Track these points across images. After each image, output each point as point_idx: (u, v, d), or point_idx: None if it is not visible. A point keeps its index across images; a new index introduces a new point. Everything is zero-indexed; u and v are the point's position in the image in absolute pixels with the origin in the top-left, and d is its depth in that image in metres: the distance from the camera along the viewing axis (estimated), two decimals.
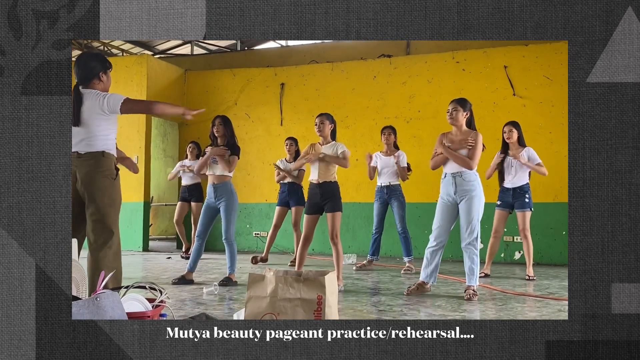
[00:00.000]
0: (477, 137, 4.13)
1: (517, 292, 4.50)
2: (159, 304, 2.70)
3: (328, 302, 2.29)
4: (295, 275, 2.34)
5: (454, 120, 4.18)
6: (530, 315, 3.57)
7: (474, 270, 4.13)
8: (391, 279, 5.30)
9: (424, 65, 7.75)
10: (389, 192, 5.87)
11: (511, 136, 5.30)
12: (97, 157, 3.25)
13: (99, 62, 3.38)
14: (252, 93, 8.62)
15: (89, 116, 3.24)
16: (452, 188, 4.15)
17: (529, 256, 5.33)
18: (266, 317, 2.29)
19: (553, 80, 7.03)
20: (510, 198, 5.30)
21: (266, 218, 8.35)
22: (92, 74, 3.34)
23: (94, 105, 3.25)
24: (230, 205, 4.82)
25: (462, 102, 4.21)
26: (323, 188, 4.48)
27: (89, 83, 3.33)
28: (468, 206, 4.10)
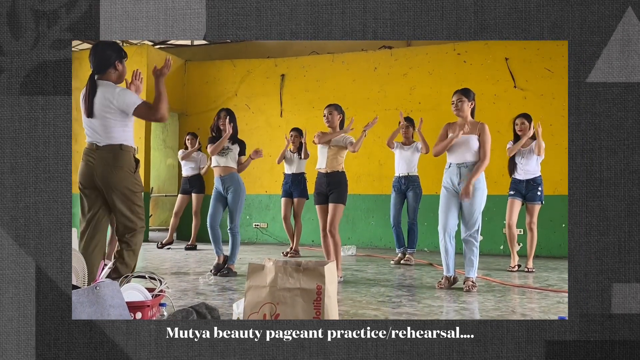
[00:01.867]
0: (485, 130, 4.13)
1: (517, 284, 4.51)
2: (159, 293, 2.71)
3: (327, 292, 2.29)
4: (294, 265, 2.34)
5: (460, 111, 4.17)
6: (529, 307, 3.57)
7: (473, 262, 4.13)
8: (390, 270, 5.31)
9: (425, 57, 7.73)
10: (406, 182, 5.84)
11: (523, 129, 5.25)
12: (115, 151, 3.20)
13: (114, 50, 3.29)
14: (253, 84, 8.60)
15: (101, 108, 3.19)
16: (456, 178, 4.14)
17: (532, 249, 5.32)
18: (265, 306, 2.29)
19: (554, 72, 7.01)
20: (523, 189, 5.26)
21: (266, 209, 8.36)
22: (108, 62, 3.26)
23: (107, 99, 3.19)
24: (238, 195, 4.83)
25: (466, 93, 4.20)
26: (330, 177, 4.46)
27: (104, 72, 3.26)
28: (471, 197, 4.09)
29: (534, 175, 5.24)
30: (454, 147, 4.17)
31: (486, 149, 4.12)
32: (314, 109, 7.88)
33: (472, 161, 4.12)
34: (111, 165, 3.19)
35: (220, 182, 4.86)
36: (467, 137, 4.13)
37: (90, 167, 3.21)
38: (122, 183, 3.20)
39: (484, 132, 4.13)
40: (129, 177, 3.23)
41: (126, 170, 3.22)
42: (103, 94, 3.19)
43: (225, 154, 4.86)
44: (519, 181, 5.27)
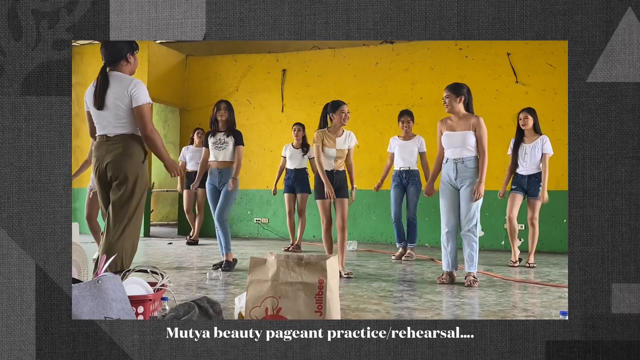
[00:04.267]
0: (480, 124, 4.12)
1: (518, 279, 4.51)
2: (160, 287, 2.71)
3: (329, 286, 2.30)
4: (296, 260, 2.34)
5: (451, 108, 4.16)
6: (530, 302, 3.58)
7: (473, 257, 4.13)
8: (391, 266, 5.31)
9: (427, 52, 7.71)
10: (407, 177, 5.82)
11: (526, 123, 5.25)
12: (127, 140, 3.19)
13: (126, 43, 3.29)
14: (254, 79, 8.59)
15: (115, 100, 3.18)
16: (453, 174, 4.15)
17: (533, 244, 5.32)
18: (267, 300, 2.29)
19: (556, 67, 6.99)
20: (525, 184, 5.26)
21: (267, 204, 8.36)
22: (121, 55, 3.26)
23: (122, 89, 3.18)
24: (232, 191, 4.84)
25: (454, 89, 4.17)
26: (337, 176, 4.52)
27: (116, 65, 3.26)
28: (468, 193, 4.09)
29: (537, 171, 5.24)
30: (450, 143, 4.17)
31: (484, 144, 4.12)
32: (315, 104, 7.87)
33: (468, 156, 4.12)
34: (122, 153, 3.17)
35: (217, 175, 4.86)
36: (462, 133, 4.13)
37: (100, 159, 3.20)
38: (130, 172, 3.18)
39: (480, 127, 4.12)
40: (137, 167, 3.21)
41: (136, 159, 3.20)
42: (117, 85, 3.19)
43: (222, 148, 4.86)
44: (522, 176, 5.27)
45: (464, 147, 4.12)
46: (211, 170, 4.93)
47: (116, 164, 3.16)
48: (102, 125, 3.21)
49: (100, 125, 3.22)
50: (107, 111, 3.18)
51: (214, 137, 4.91)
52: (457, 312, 3.21)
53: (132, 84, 3.19)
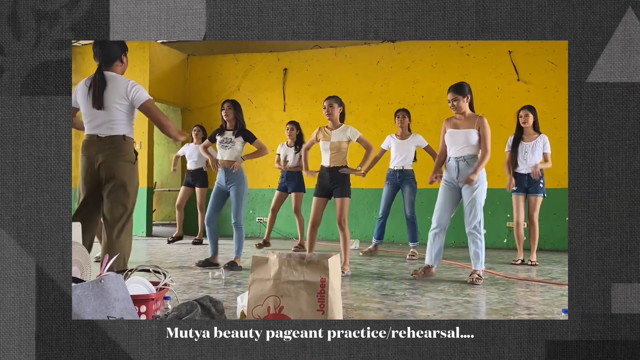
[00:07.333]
0: (484, 124, 4.14)
1: (520, 277, 4.51)
2: (163, 287, 2.71)
3: (331, 284, 2.29)
4: (298, 258, 2.34)
5: (458, 109, 4.18)
6: (533, 300, 3.57)
7: (479, 254, 4.14)
8: (394, 264, 5.31)
9: (428, 50, 7.70)
10: (401, 177, 5.82)
11: (527, 120, 5.26)
12: (119, 141, 3.25)
13: (118, 43, 3.36)
14: (255, 78, 8.59)
15: (112, 100, 3.22)
16: (454, 173, 4.16)
17: (534, 242, 5.33)
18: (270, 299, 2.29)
19: (558, 65, 6.98)
20: (525, 183, 5.27)
21: (269, 204, 8.35)
22: (115, 55, 3.32)
23: (119, 91, 3.23)
24: (242, 189, 4.84)
25: (460, 90, 4.18)
26: (333, 173, 4.48)
27: (111, 65, 3.31)
28: (471, 191, 4.10)
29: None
30: (453, 142, 4.18)
31: (487, 143, 4.13)
32: (317, 103, 7.86)
33: (470, 155, 4.13)
34: (114, 155, 3.22)
35: (224, 175, 4.86)
36: (466, 131, 4.14)
37: (92, 159, 3.23)
38: (123, 173, 3.24)
39: (483, 126, 4.14)
40: (129, 168, 3.27)
41: (128, 160, 3.27)
42: (115, 86, 3.23)
43: (229, 147, 4.85)
44: (521, 175, 5.27)
45: (466, 145, 4.14)
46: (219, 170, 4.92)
47: (110, 164, 3.20)
48: (94, 125, 3.23)
49: (92, 125, 3.24)
50: (104, 111, 3.21)
51: (222, 135, 4.90)
52: (459, 311, 3.21)
53: (130, 86, 3.25)
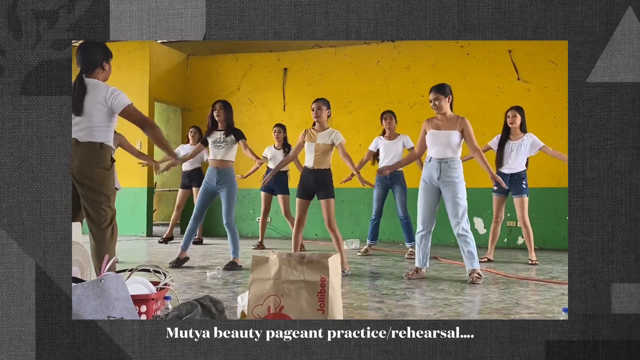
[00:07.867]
0: (467, 125, 4.16)
1: (520, 277, 4.51)
2: (163, 286, 2.71)
3: (331, 284, 2.30)
4: (298, 258, 2.34)
5: (439, 109, 4.17)
6: (533, 299, 3.58)
7: (472, 253, 4.14)
8: (394, 264, 5.31)
9: (428, 50, 7.70)
10: (391, 178, 5.83)
11: (514, 121, 5.28)
12: (95, 148, 3.25)
13: (101, 50, 3.37)
14: (255, 78, 8.59)
15: (91, 107, 3.24)
16: (435, 173, 4.15)
17: (530, 242, 5.34)
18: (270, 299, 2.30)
19: (557, 64, 6.98)
20: (507, 184, 5.27)
21: None
22: (96, 63, 3.34)
23: (98, 98, 3.25)
24: (232, 191, 4.86)
25: (442, 90, 4.18)
26: (317, 175, 4.48)
27: (92, 72, 3.33)
28: (453, 193, 4.09)
29: (519, 170, 5.26)
30: (435, 142, 4.17)
31: (474, 142, 4.17)
32: None
33: (452, 157, 4.13)
34: (88, 162, 3.22)
35: (215, 174, 4.85)
36: (448, 133, 4.14)
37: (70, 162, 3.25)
38: (98, 180, 3.24)
39: (467, 127, 4.15)
40: (105, 175, 3.27)
41: (102, 168, 3.26)
42: (95, 93, 3.25)
43: (221, 146, 4.86)
44: (504, 175, 5.26)
45: (448, 147, 4.14)
46: (209, 169, 4.93)
47: (84, 170, 3.21)
48: (75, 130, 3.24)
49: (74, 129, 3.24)
50: (83, 117, 3.22)
51: (213, 136, 4.91)
52: (459, 310, 3.21)
53: (109, 92, 3.26)
